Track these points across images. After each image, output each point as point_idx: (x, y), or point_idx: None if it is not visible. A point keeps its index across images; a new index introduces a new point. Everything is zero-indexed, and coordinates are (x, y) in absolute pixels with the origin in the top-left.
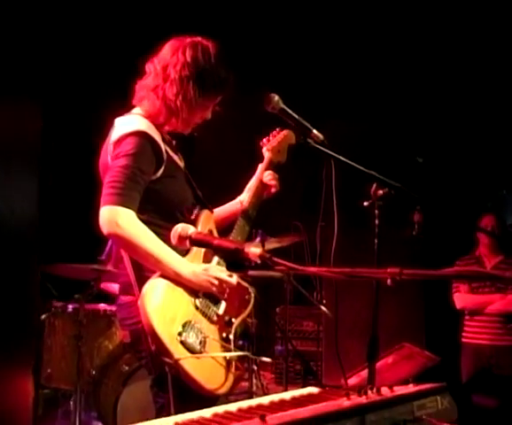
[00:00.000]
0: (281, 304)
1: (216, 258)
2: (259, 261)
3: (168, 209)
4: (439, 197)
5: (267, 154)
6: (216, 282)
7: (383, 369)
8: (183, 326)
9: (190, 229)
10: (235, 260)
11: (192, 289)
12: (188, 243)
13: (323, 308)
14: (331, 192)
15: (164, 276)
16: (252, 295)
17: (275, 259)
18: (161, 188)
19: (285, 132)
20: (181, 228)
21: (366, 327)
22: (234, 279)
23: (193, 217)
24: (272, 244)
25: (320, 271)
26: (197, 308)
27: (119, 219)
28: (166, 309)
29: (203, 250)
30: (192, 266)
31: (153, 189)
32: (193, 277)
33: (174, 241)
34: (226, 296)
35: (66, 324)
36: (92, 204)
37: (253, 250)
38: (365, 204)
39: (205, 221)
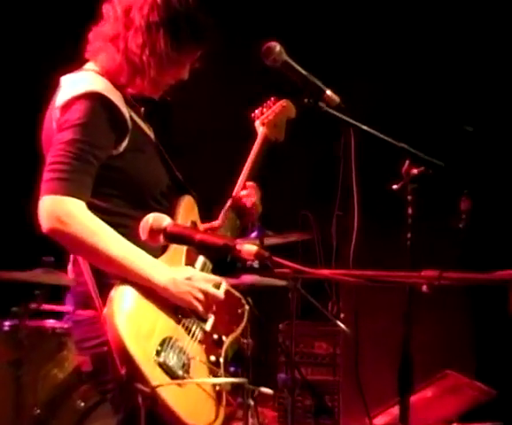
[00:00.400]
0: (285, 319)
1: (201, 259)
2: (255, 263)
3: (136, 193)
4: (494, 178)
5: (260, 129)
6: (201, 297)
7: (419, 405)
8: (162, 344)
9: (164, 220)
10: (224, 261)
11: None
12: (162, 238)
13: (341, 324)
14: (350, 173)
15: (131, 284)
16: (247, 307)
17: (277, 260)
18: (126, 165)
19: (283, 102)
20: (153, 219)
21: (396, 348)
22: (222, 288)
23: (170, 205)
24: (273, 240)
25: (335, 274)
26: (178, 322)
27: (63, 212)
28: (140, 320)
29: (184, 248)
30: (171, 271)
31: (115, 168)
32: (172, 286)
33: (143, 235)
34: (213, 309)
35: (1, 347)
36: (35, 191)
37: (248, 247)
38: (394, 187)
39: (187, 211)
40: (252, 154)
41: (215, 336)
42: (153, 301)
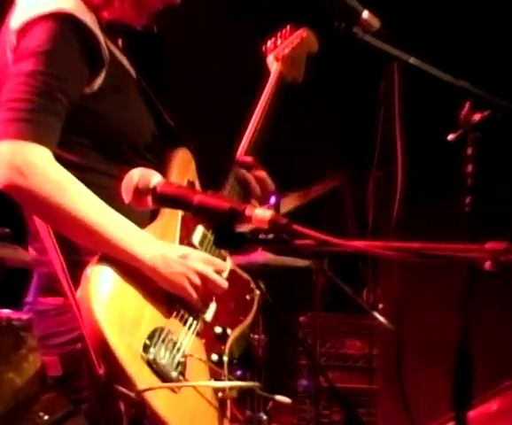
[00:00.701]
0: (308, 310)
1: (200, 230)
2: (269, 234)
3: (114, 144)
4: None
5: (274, 66)
6: (198, 282)
7: (482, 421)
8: (151, 336)
9: (153, 178)
10: (229, 233)
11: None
12: (150, 200)
13: (379, 317)
14: (392, 122)
15: (112, 261)
16: (258, 293)
17: (298, 229)
18: (101, 108)
19: (302, 32)
20: (139, 176)
21: (450, 349)
22: (226, 269)
23: (159, 160)
24: (292, 203)
25: (372, 248)
26: (172, 309)
27: (24, 162)
28: (123, 306)
29: (179, 216)
30: (161, 246)
31: (88, 111)
32: (161, 265)
33: (127, 197)
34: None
35: None
36: None
37: (260, 213)
38: (450, 138)
39: (182, 167)
40: (264, 98)
41: (218, 329)
42: (140, 283)
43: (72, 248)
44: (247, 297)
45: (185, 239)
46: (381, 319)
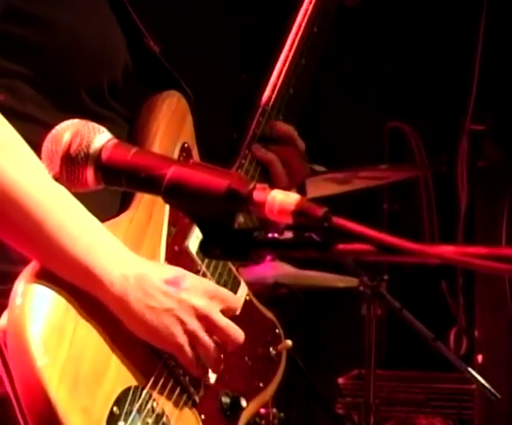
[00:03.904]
0: (353, 364)
1: (196, 236)
2: (289, 232)
3: (64, 75)
4: None
5: None
6: (197, 330)
7: None
8: (120, 401)
9: (97, 136)
10: (223, 230)
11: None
12: (91, 175)
13: (478, 377)
14: None
15: (54, 277)
16: (289, 343)
17: (345, 223)
18: (43, 13)
19: None
20: (72, 134)
21: None
22: (241, 300)
23: (132, 108)
24: (329, 188)
25: (469, 257)
26: (153, 361)
27: None
28: (77, 350)
29: (166, 209)
30: (138, 261)
31: (22, 17)
32: (136, 294)
33: (51, 168)
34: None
35: None
36: None
37: (281, 196)
38: None
39: (173, 122)
40: (299, 24)
41: (225, 399)
42: (103, 313)
43: None
44: (271, 350)
45: (176, 244)
46: (481, 381)
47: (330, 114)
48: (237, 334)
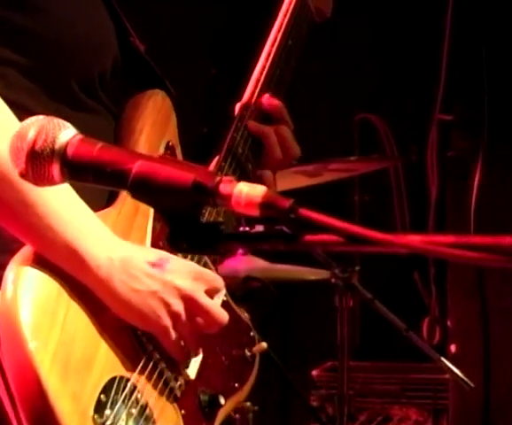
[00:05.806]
0: (326, 357)
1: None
2: (260, 225)
3: (57, 64)
4: None
5: None
6: (181, 310)
7: None
8: (107, 389)
9: (62, 131)
10: (190, 224)
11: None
12: (57, 171)
13: (451, 367)
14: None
15: (46, 262)
16: (264, 346)
17: (312, 215)
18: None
19: None
20: (37, 129)
21: None
22: (223, 285)
23: (116, 104)
24: (299, 181)
25: (441, 246)
26: (138, 352)
27: None
28: (68, 335)
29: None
30: (123, 245)
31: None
32: (121, 277)
33: (16, 164)
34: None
35: None
36: None
37: (248, 188)
38: None
39: (158, 121)
40: (278, 24)
41: (203, 396)
42: (91, 300)
43: None
44: (246, 352)
45: (160, 240)
46: (454, 370)
47: (299, 106)
48: (222, 315)
